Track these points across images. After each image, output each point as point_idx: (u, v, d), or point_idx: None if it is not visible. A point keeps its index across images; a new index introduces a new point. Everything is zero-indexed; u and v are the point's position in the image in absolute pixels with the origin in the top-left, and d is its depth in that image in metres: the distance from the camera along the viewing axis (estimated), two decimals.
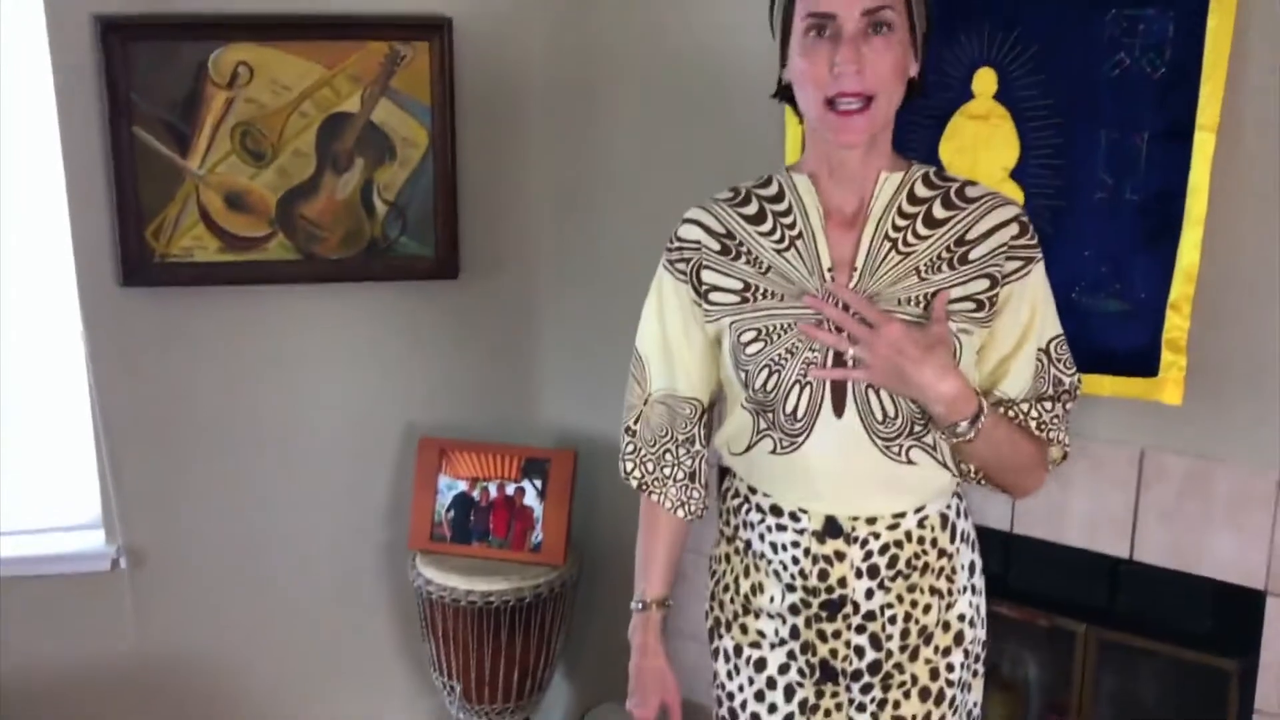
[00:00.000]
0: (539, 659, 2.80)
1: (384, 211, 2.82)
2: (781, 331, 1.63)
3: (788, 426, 1.65)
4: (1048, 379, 1.69)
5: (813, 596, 1.70)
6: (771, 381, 1.63)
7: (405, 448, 2.99)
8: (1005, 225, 1.61)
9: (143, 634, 2.99)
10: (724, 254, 1.68)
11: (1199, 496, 2.11)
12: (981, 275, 1.61)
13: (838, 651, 1.72)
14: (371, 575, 3.07)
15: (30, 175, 2.80)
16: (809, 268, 1.63)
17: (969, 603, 1.77)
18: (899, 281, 1.61)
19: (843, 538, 1.68)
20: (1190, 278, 2.01)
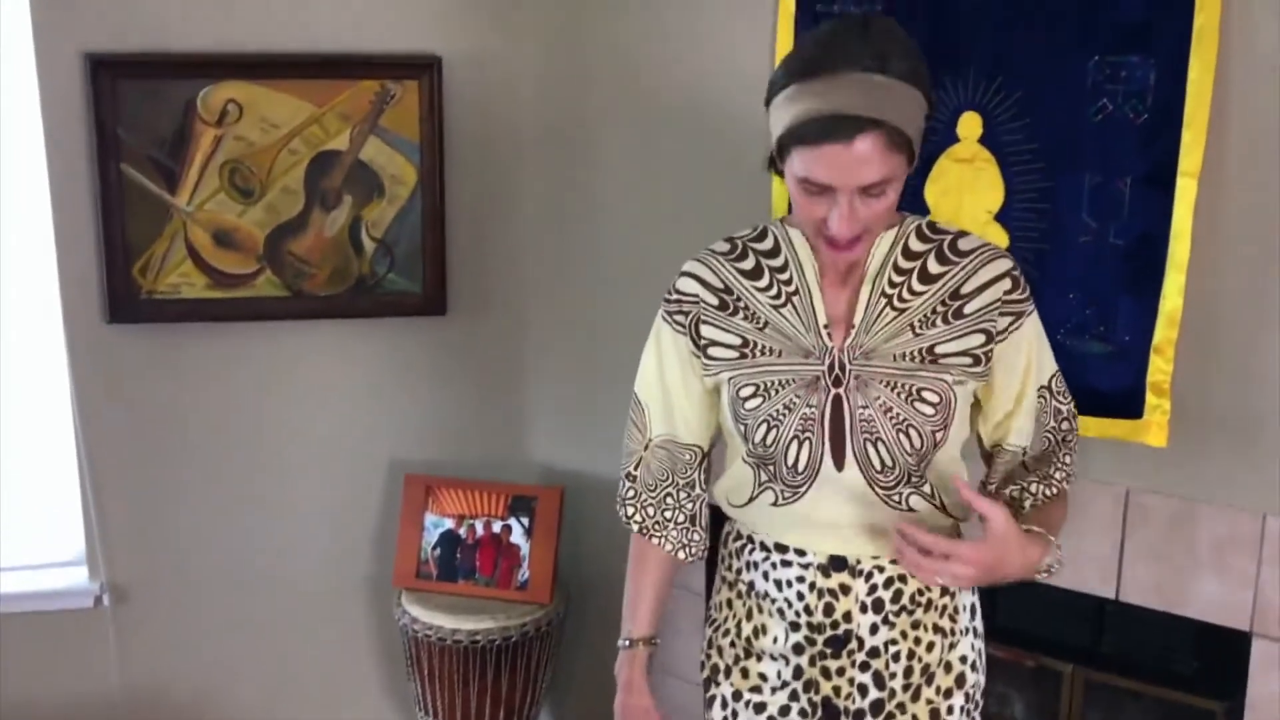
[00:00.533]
0: (525, 698, 2.78)
1: (372, 248, 2.83)
2: (780, 387, 1.65)
3: (789, 479, 1.68)
4: (1049, 412, 1.72)
5: (817, 633, 1.71)
6: (771, 436, 1.66)
7: (391, 484, 2.98)
8: (998, 280, 1.63)
9: (125, 671, 2.97)
10: (722, 309, 1.70)
11: (1184, 538, 2.12)
12: (977, 330, 1.63)
13: (841, 689, 1.72)
14: (357, 613, 3.05)
15: (18, 211, 2.80)
16: (805, 324, 1.65)
17: (971, 645, 1.78)
18: (895, 337, 1.63)
19: (848, 571, 1.69)
20: (1173, 322, 2.03)
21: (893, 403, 1.62)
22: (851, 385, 1.63)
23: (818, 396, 1.64)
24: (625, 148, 2.77)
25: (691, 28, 2.59)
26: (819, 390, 1.64)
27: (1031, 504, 1.75)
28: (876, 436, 1.63)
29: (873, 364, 1.63)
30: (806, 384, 1.64)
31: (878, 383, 1.62)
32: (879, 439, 1.63)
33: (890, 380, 1.62)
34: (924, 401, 1.62)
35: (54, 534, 2.96)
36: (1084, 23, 2.05)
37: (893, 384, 1.62)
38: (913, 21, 2.20)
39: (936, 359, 1.62)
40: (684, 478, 1.83)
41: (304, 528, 2.98)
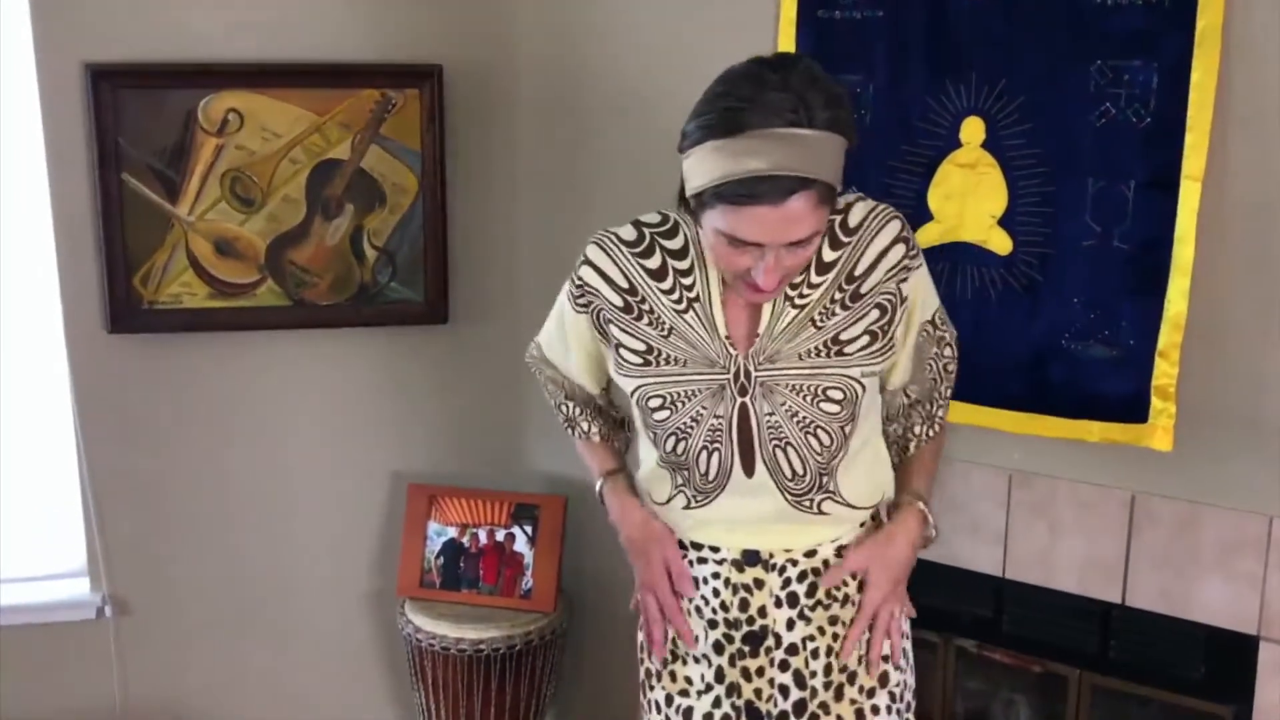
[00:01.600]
0: (529, 707, 2.77)
1: (374, 257, 2.82)
2: (687, 399, 1.65)
3: (700, 485, 1.70)
4: (932, 341, 1.74)
5: (734, 630, 1.72)
6: (681, 447, 1.67)
7: (394, 494, 2.98)
8: (890, 249, 1.63)
9: (127, 684, 2.96)
10: (626, 312, 1.69)
11: (1190, 542, 2.12)
12: (874, 307, 1.63)
13: (762, 691, 1.72)
14: (360, 623, 3.04)
15: (19, 220, 2.79)
16: (708, 331, 1.64)
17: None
18: (797, 335, 1.62)
19: (761, 565, 1.70)
20: (1178, 326, 2.02)
21: (799, 406, 1.62)
22: (757, 393, 1.62)
23: (724, 406, 1.64)
24: (626, 155, 2.76)
25: (694, 38, 2.59)
26: (725, 399, 1.63)
27: (916, 445, 1.81)
28: (785, 441, 1.63)
29: (778, 367, 1.62)
30: (712, 394, 1.64)
31: (783, 387, 1.62)
32: (788, 444, 1.63)
33: (795, 385, 1.62)
34: (829, 400, 1.62)
35: (55, 545, 2.95)
36: (1086, 27, 2.05)
37: (798, 388, 1.62)
38: (915, 26, 2.21)
39: (842, 349, 1.62)
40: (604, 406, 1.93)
41: (307, 537, 2.97)
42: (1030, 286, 2.16)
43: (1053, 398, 2.16)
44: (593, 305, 1.73)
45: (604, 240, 1.72)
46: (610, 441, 1.95)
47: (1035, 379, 2.18)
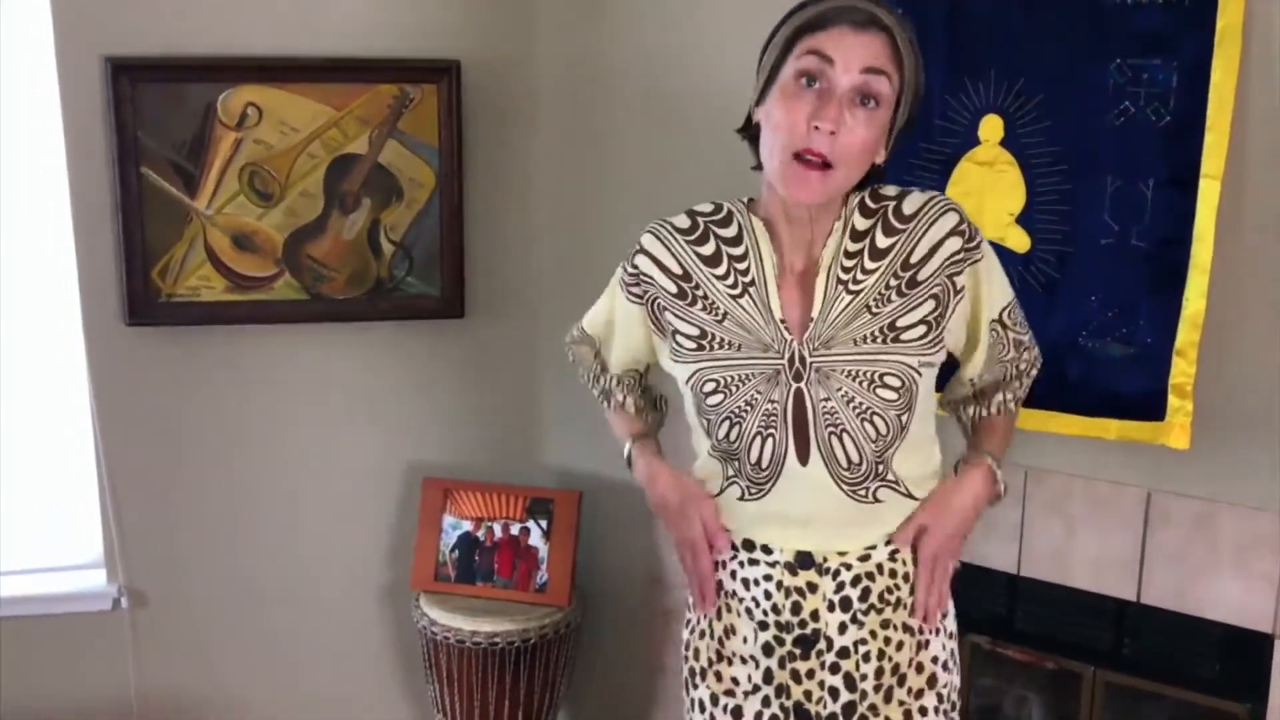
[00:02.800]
0: (543, 700, 2.78)
1: (391, 252, 2.83)
2: (741, 383, 1.64)
3: (753, 475, 1.68)
4: (1007, 344, 1.73)
5: (785, 633, 1.71)
6: (734, 433, 1.66)
7: (409, 487, 2.99)
8: (947, 239, 1.63)
9: (143, 674, 2.97)
10: (680, 298, 1.70)
11: (1206, 539, 2.12)
12: (928, 297, 1.63)
13: (812, 694, 1.71)
14: (374, 616, 3.06)
15: (38, 213, 2.81)
16: (763, 317, 1.65)
17: (942, 645, 1.78)
18: (852, 321, 1.62)
19: (815, 569, 1.69)
20: (1196, 324, 2.03)
21: (855, 392, 1.61)
22: (812, 378, 1.62)
23: (779, 391, 1.63)
24: (644, 151, 2.77)
25: (711, 31, 2.60)
26: (780, 385, 1.63)
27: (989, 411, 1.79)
28: (841, 428, 1.62)
29: (833, 353, 1.61)
30: (767, 379, 1.63)
31: (839, 373, 1.61)
32: (844, 430, 1.62)
33: (851, 370, 1.61)
34: (886, 387, 1.61)
35: (73, 536, 2.97)
36: (1106, 26, 2.05)
37: (854, 374, 1.61)
38: (934, 25, 2.21)
39: (899, 335, 1.62)
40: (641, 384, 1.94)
41: (322, 530, 2.99)
42: (1048, 284, 2.16)
43: (1070, 395, 2.16)
44: (648, 294, 1.73)
45: (658, 229, 1.74)
46: (643, 413, 1.95)
47: (1053, 377, 2.16)
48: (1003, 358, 1.74)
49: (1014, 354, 1.75)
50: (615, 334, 1.86)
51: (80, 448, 2.89)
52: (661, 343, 1.76)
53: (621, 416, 1.95)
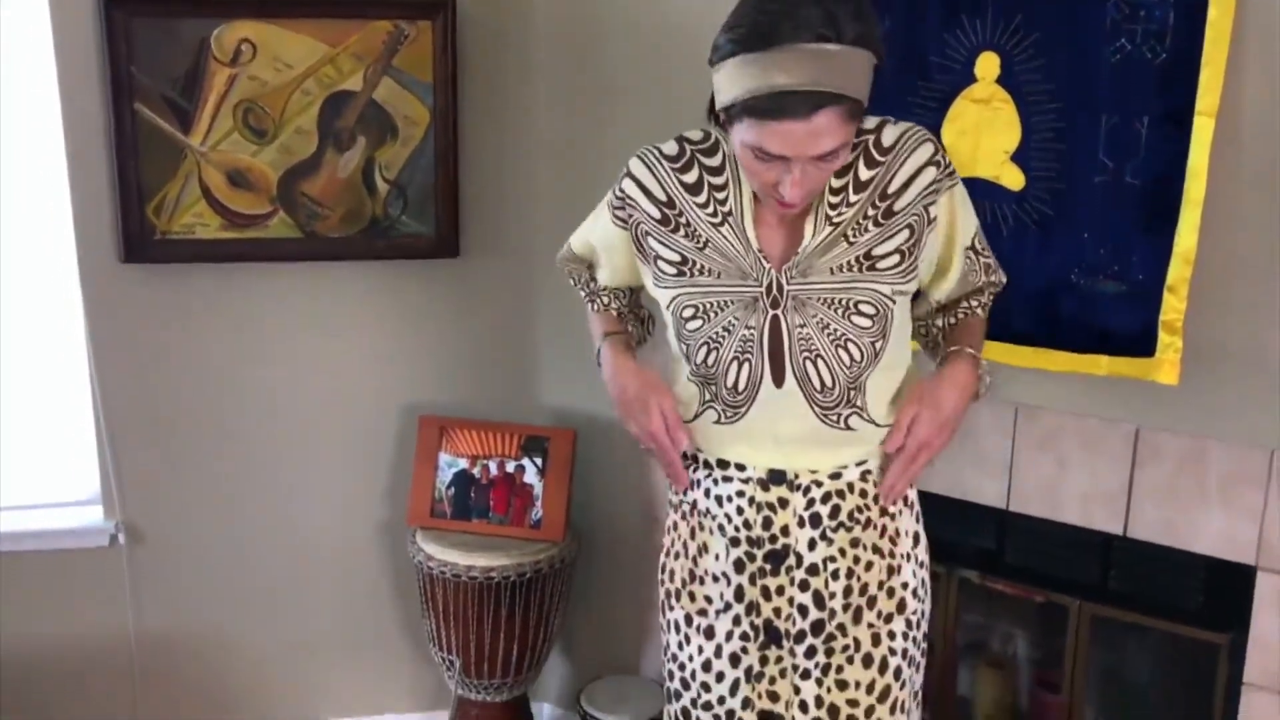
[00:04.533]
0: (538, 634, 2.82)
1: (385, 190, 2.83)
2: (719, 309, 1.69)
3: (729, 399, 1.72)
4: (979, 269, 1.78)
5: (756, 548, 1.75)
6: (712, 358, 1.71)
7: (405, 426, 3.01)
8: (923, 169, 1.66)
9: (141, 610, 3.00)
10: (664, 224, 1.74)
11: (1193, 474, 2.15)
12: (904, 227, 1.66)
13: (781, 610, 1.76)
14: (370, 552, 3.09)
15: (31, 151, 2.79)
16: (743, 247, 1.68)
17: (912, 573, 1.82)
18: (829, 250, 1.66)
19: (786, 485, 1.73)
20: (1188, 261, 2.05)
21: (830, 319, 1.65)
22: (789, 306, 1.66)
23: (756, 317, 1.67)
24: (641, 88, 2.77)
25: None
26: (758, 311, 1.67)
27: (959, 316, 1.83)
28: (816, 354, 1.66)
29: (810, 281, 1.65)
30: (745, 305, 1.68)
31: (815, 301, 1.65)
32: (818, 356, 1.66)
33: (828, 298, 1.65)
34: (861, 314, 1.65)
35: (70, 473, 2.98)
36: None
37: (830, 301, 1.65)
38: None
39: (874, 264, 1.65)
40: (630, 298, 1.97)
41: (318, 467, 3.01)
42: (1041, 222, 2.18)
43: (1061, 332, 2.19)
44: (632, 219, 1.77)
45: (646, 155, 1.77)
46: (624, 320, 1.98)
47: (1044, 314, 2.20)
48: (975, 283, 1.79)
49: (984, 278, 1.79)
50: (601, 256, 1.90)
51: (77, 385, 2.90)
52: (645, 268, 1.79)
53: (602, 316, 1.98)
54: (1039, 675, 2.70)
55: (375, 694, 3.17)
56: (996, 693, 2.73)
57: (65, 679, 3.00)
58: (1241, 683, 2.17)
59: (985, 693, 2.74)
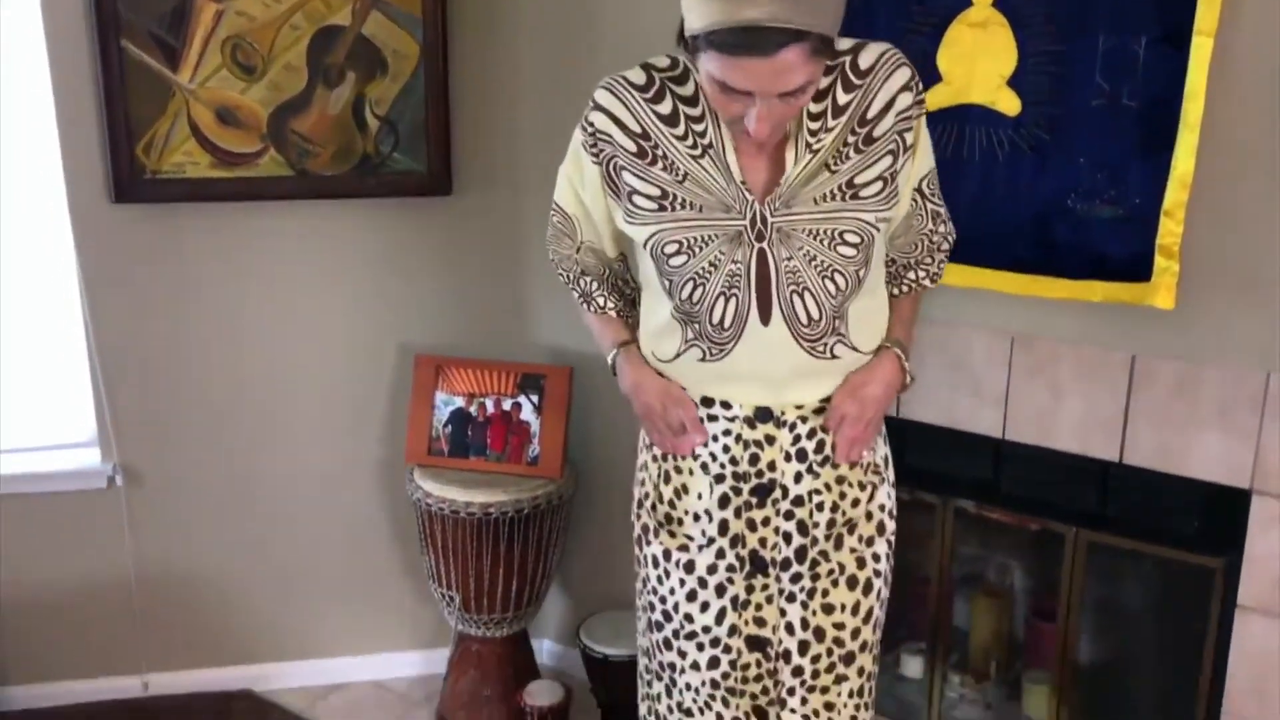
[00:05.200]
0: (537, 570, 2.84)
1: (376, 127, 2.81)
2: (703, 244, 1.65)
3: (714, 336, 1.70)
4: (925, 215, 1.77)
5: (742, 483, 1.76)
6: (697, 294, 1.68)
7: (401, 365, 3.00)
8: (900, 94, 1.65)
9: (141, 551, 3.02)
10: (640, 157, 1.68)
11: (1189, 399, 2.15)
12: (885, 153, 1.65)
13: (766, 540, 1.77)
14: (369, 491, 3.09)
15: (18, 91, 2.76)
16: (725, 179, 1.64)
17: (888, 494, 1.86)
18: (812, 180, 1.63)
19: (772, 422, 1.73)
20: (1185, 184, 2.03)
21: (816, 250, 1.64)
22: (774, 238, 1.64)
23: (742, 252, 1.65)
24: (634, 22, 2.73)
25: None
26: (743, 245, 1.65)
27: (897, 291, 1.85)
28: (803, 287, 1.65)
29: (794, 212, 1.63)
30: (730, 240, 1.65)
31: (800, 232, 1.63)
32: (805, 289, 1.65)
33: (812, 229, 1.63)
34: (846, 244, 1.64)
35: (66, 416, 2.98)
36: None
37: (815, 232, 1.63)
38: None
39: (857, 192, 1.64)
40: (620, 276, 1.92)
41: (314, 407, 3.01)
42: (1037, 147, 2.16)
43: (1057, 259, 2.18)
44: (604, 153, 1.72)
45: (613, 85, 1.71)
46: (624, 317, 1.96)
47: (1040, 240, 2.19)
48: (920, 228, 1.77)
49: (930, 225, 1.77)
50: (586, 207, 1.83)
51: (71, 327, 2.89)
52: (616, 205, 1.74)
53: (602, 321, 1.95)
54: (1034, 604, 2.72)
55: (375, 632, 3.20)
56: (992, 623, 2.75)
57: (67, 621, 3.02)
58: (1235, 606, 2.18)
59: (981, 623, 2.76)
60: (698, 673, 1.84)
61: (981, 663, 2.74)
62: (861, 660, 1.82)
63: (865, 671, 1.83)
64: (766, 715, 1.83)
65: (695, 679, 1.84)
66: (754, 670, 1.81)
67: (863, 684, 1.83)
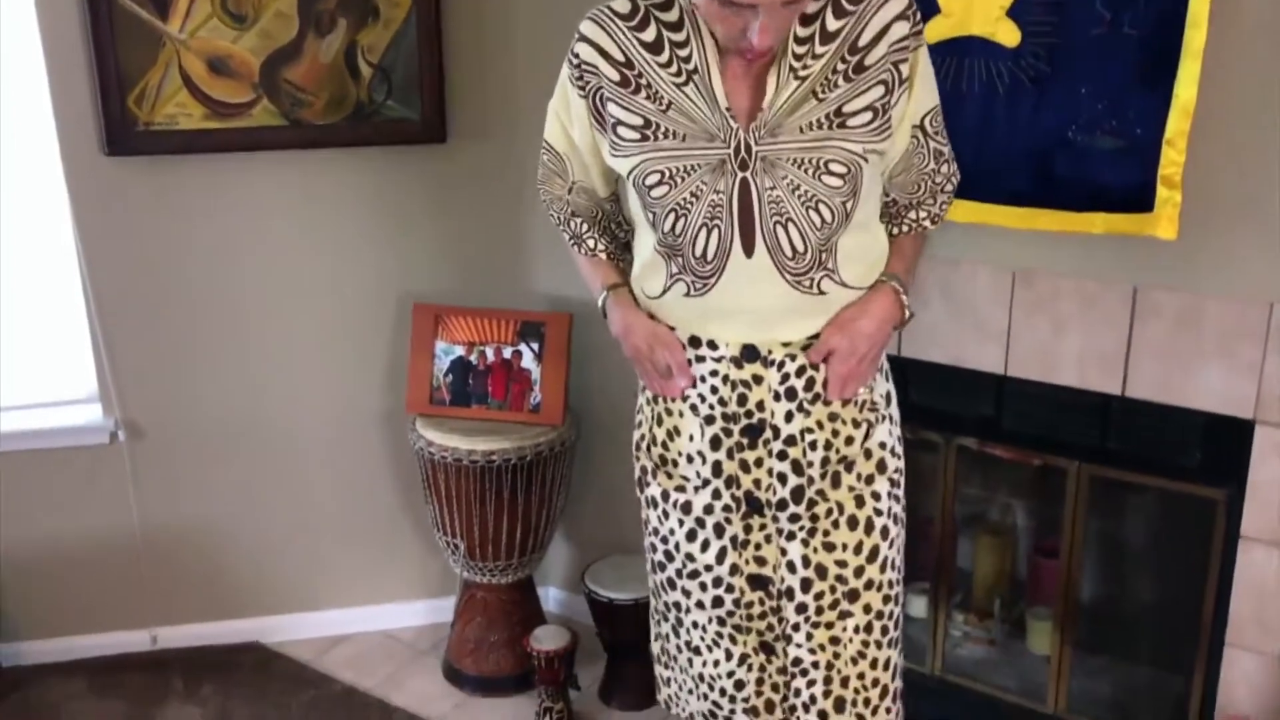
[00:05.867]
0: (540, 517, 2.85)
1: (369, 74, 2.78)
2: (685, 174, 1.64)
3: (699, 269, 1.69)
4: (927, 153, 1.73)
5: (733, 424, 1.75)
6: (679, 225, 1.67)
7: (400, 315, 3.00)
8: (894, 23, 1.62)
9: (145, 505, 3.02)
10: (624, 86, 1.67)
11: (1191, 331, 2.15)
12: (877, 83, 1.62)
13: (760, 481, 1.76)
14: (371, 442, 3.10)
15: (7, 44, 2.73)
16: (708, 105, 1.63)
17: (889, 431, 1.83)
18: (798, 108, 1.61)
19: (760, 361, 1.72)
20: (1187, 113, 2.01)
21: (800, 180, 1.62)
22: (758, 167, 1.62)
23: (725, 181, 1.63)
24: None
25: None
26: (725, 175, 1.63)
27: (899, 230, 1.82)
28: (786, 217, 1.63)
29: (779, 141, 1.61)
30: (712, 169, 1.63)
31: (785, 161, 1.62)
32: (789, 220, 1.63)
33: (797, 158, 1.61)
34: (831, 174, 1.62)
35: (66, 372, 2.98)
36: None
37: (800, 161, 1.61)
38: None
39: (844, 121, 1.61)
40: (612, 219, 1.91)
41: (314, 358, 3.00)
42: (1037, 79, 2.14)
43: (1058, 192, 2.16)
44: (590, 85, 1.71)
45: (598, 15, 1.70)
46: (615, 260, 1.95)
47: (1040, 173, 2.17)
48: (921, 167, 1.74)
49: (933, 165, 1.74)
50: (575, 143, 1.82)
51: (70, 283, 2.87)
52: (602, 138, 1.73)
53: (594, 264, 1.94)
54: (1037, 543, 2.73)
55: (381, 582, 3.21)
56: (996, 561, 2.76)
57: (75, 576, 3.04)
58: (1239, 536, 2.19)
59: (985, 562, 2.77)
60: (703, 611, 1.84)
61: (985, 601, 2.76)
62: (868, 598, 1.82)
63: (873, 609, 1.83)
64: (773, 650, 1.84)
65: (701, 617, 1.85)
66: (758, 608, 1.82)
67: (870, 620, 1.83)
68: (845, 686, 1.83)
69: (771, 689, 1.87)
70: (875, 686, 1.85)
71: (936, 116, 1.73)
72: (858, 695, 1.84)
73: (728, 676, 1.87)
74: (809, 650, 1.81)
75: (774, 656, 1.84)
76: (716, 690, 1.89)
